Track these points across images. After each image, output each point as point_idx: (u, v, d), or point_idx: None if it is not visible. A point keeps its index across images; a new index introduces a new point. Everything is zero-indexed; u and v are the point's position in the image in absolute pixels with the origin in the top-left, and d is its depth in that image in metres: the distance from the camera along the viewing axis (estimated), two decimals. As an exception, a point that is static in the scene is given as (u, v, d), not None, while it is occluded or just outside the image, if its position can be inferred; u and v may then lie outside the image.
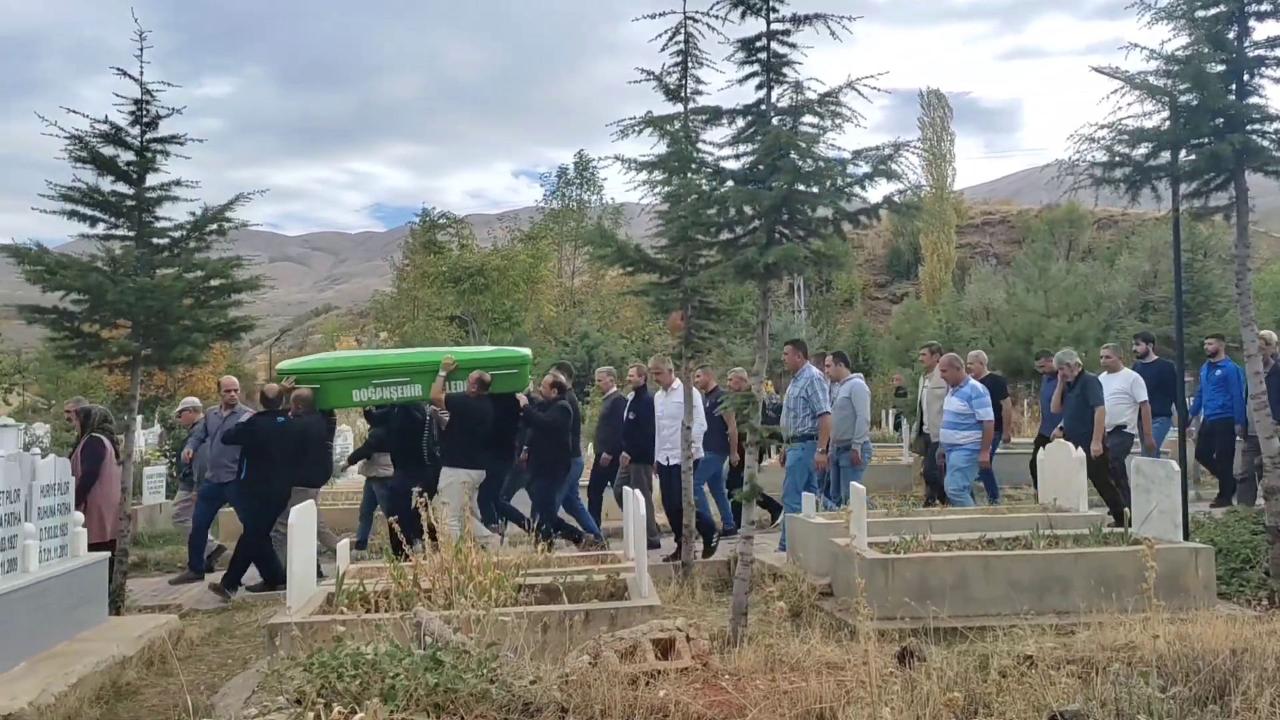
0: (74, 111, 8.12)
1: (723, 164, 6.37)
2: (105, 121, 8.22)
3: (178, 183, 8.50)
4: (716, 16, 6.29)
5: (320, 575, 8.86)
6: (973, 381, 10.03)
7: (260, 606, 8.31)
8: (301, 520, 6.28)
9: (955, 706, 4.16)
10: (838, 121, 5.98)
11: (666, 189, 7.13)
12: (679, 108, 7.91)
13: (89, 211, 8.32)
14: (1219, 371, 11.65)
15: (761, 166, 6.04)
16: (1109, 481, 10.26)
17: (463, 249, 38.79)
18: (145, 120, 8.38)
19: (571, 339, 35.92)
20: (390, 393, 9.81)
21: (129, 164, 8.36)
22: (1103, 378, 10.81)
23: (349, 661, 4.16)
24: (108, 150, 8.28)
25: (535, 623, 5.42)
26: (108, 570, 7.40)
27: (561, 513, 10.15)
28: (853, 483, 7.27)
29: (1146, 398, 10.69)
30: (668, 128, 7.17)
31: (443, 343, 36.39)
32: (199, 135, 8.63)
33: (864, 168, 6.03)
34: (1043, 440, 10.60)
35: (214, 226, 8.57)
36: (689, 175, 6.57)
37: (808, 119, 5.99)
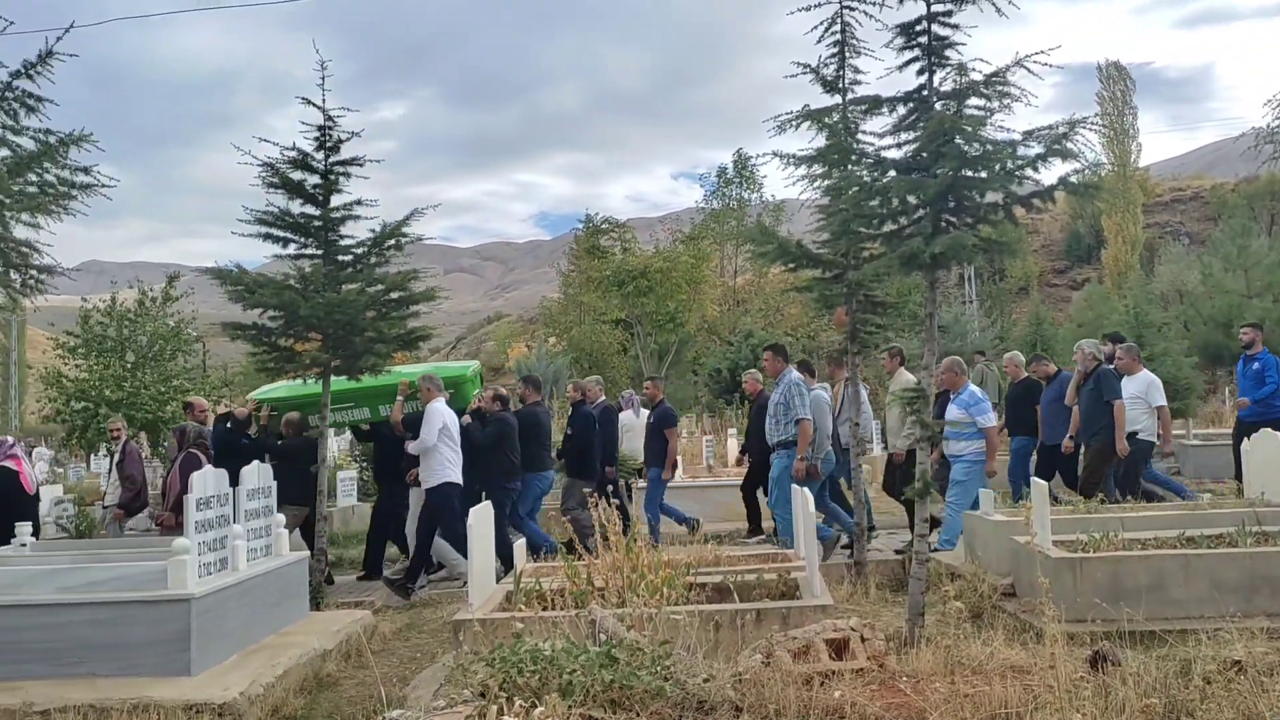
0: (265, 141, 8.73)
1: (884, 154, 6.21)
2: (293, 148, 8.80)
3: (359, 202, 9.01)
4: (874, 3, 6.16)
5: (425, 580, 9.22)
6: (971, 388, 9.46)
7: (446, 603, 8.68)
8: (480, 521, 6.52)
9: (1154, 714, 3.92)
10: (1005, 102, 5.73)
11: (826, 183, 7.02)
12: (837, 99, 7.79)
13: (281, 233, 8.92)
14: (1255, 364, 10.65)
15: (925, 154, 5.87)
16: (1095, 483, 9.50)
17: (625, 252, 39.32)
18: (328, 145, 8.91)
19: (736, 338, 35.82)
20: (340, 416, 10.52)
21: (315, 187, 8.91)
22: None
23: (528, 657, 4.29)
24: (296, 175, 8.85)
25: (707, 621, 5.43)
26: (308, 568, 7.90)
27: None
28: (1034, 479, 6.94)
29: (1164, 402, 10.03)
30: (825, 120, 7.06)
31: (609, 347, 37.00)
32: (377, 156, 9.11)
33: (1036, 149, 5.76)
34: (1244, 430, 9.83)
35: (391, 242, 9.03)
36: (849, 167, 6.44)
37: (973, 102, 5.78)
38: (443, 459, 9.10)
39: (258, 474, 7.34)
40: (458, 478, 9.16)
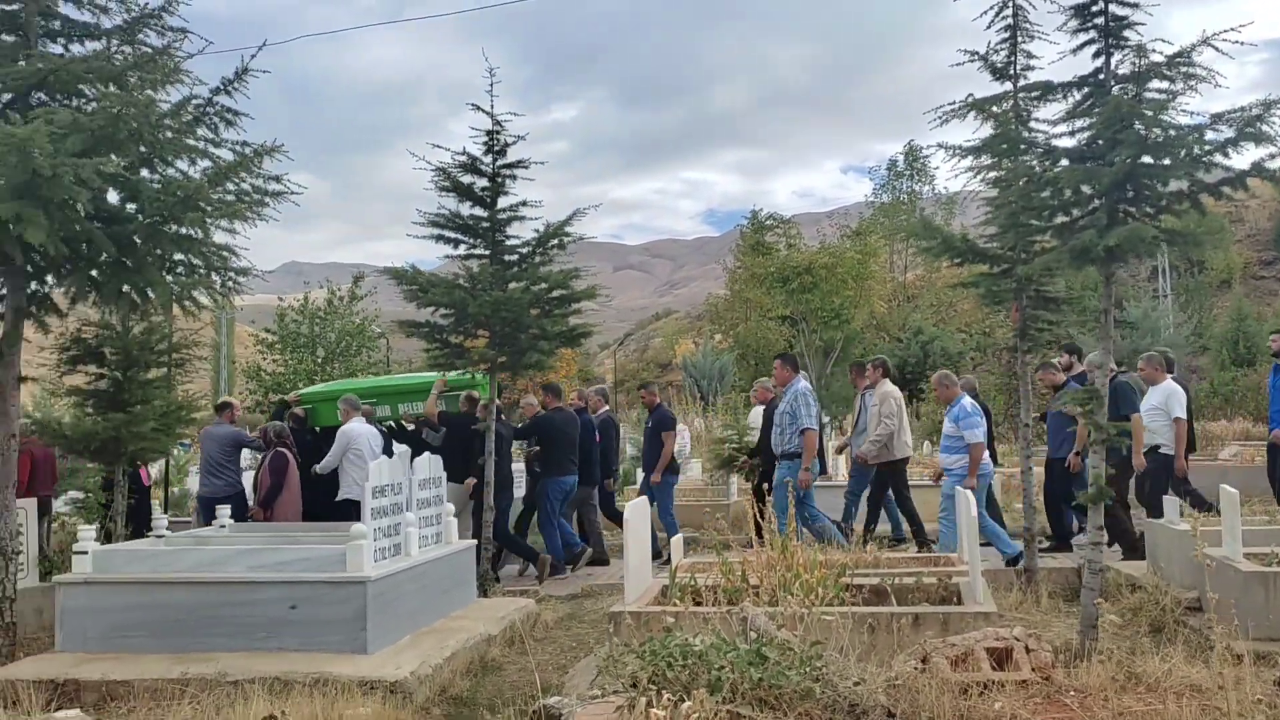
0: (438, 146, 9.17)
1: (1055, 142, 5.93)
2: (463, 153, 9.17)
3: (524, 203, 9.31)
4: (1047, -16, 5.88)
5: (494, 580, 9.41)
6: (963, 401, 9.06)
7: (607, 594, 8.86)
8: (636, 515, 6.63)
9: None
10: (1191, 84, 5.37)
11: (993, 174, 6.76)
12: (1007, 86, 7.48)
13: (452, 234, 9.32)
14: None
15: (1100, 141, 5.57)
16: (1115, 510, 8.61)
17: (790, 248, 38.91)
18: (496, 149, 9.24)
19: (905, 335, 34.91)
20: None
21: (483, 189, 9.26)
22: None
23: (678, 651, 4.34)
24: (466, 179, 9.23)
25: (861, 623, 5.35)
26: (475, 556, 8.23)
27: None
28: (1223, 486, 6.45)
29: (1183, 414, 9.22)
30: (992, 109, 6.79)
31: (774, 344, 36.69)
32: (551, 157, 9.42)
33: (1226, 132, 5.37)
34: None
35: (554, 241, 9.28)
36: (1018, 157, 6.18)
37: (1154, 84, 5.43)
38: (349, 479, 9.66)
39: (429, 464, 7.69)
40: (358, 496, 9.11)
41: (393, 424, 11.03)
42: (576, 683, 5.61)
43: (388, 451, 10.20)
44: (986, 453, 9.21)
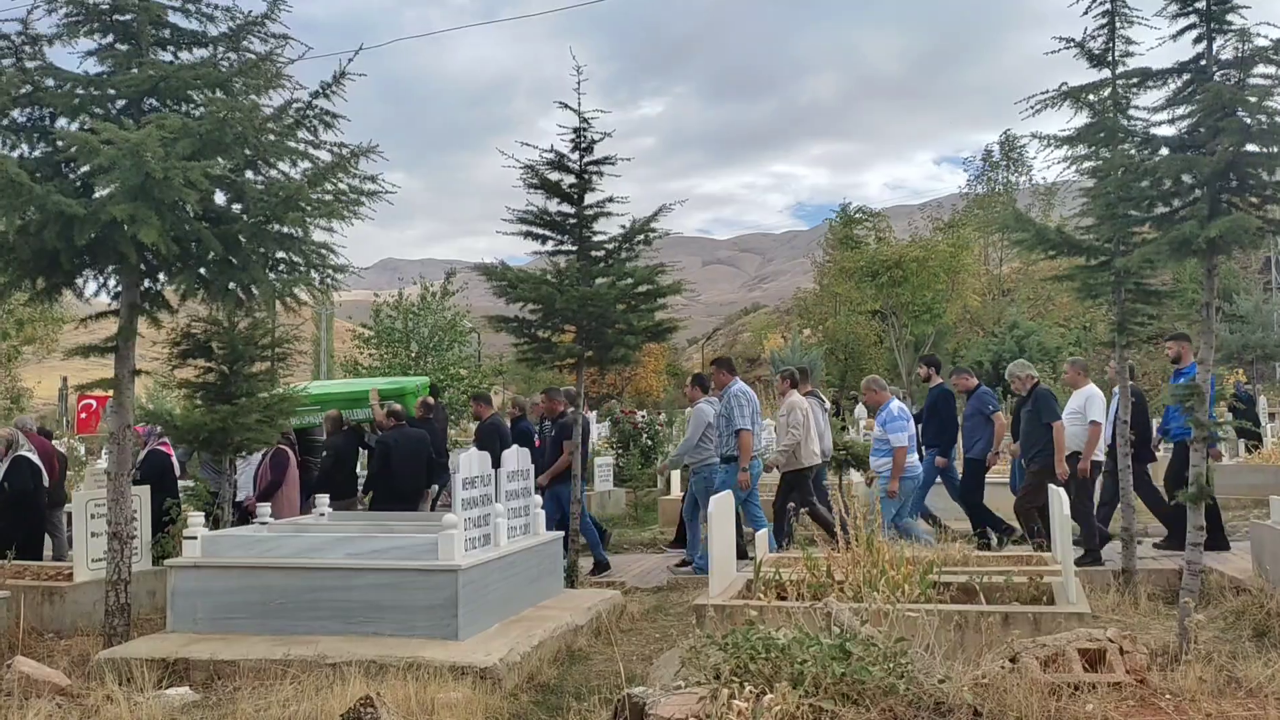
0: (527, 144, 9.29)
1: (1154, 130, 5.77)
2: (551, 150, 9.30)
3: (611, 199, 9.38)
4: (1145, -32, 5.72)
5: None
6: (892, 405, 9.30)
7: (693, 587, 8.92)
8: (721, 509, 6.67)
9: None
10: (1300, 68, 5.16)
11: (1089, 163, 6.59)
12: (1104, 73, 7.26)
13: (540, 231, 9.46)
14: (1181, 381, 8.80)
15: (1202, 129, 5.40)
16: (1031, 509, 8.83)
17: (880, 242, 38.36)
18: (583, 146, 9.35)
19: (1000, 330, 34.10)
20: (315, 417, 11.53)
21: (571, 186, 9.37)
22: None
23: (760, 645, 4.37)
24: (554, 176, 9.35)
25: (947, 621, 5.29)
26: (563, 548, 8.37)
27: None
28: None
29: (1100, 418, 9.13)
30: (1089, 97, 6.61)
31: (864, 338, 36.22)
32: (638, 153, 9.53)
33: (1338, 118, 5.15)
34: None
35: (641, 237, 9.34)
36: (1115, 146, 6.02)
37: (1259, 70, 5.24)
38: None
39: (517, 457, 7.84)
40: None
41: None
42: (661, 674, 5.68)
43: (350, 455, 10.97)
44: (914, 455, 9.47)
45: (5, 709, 5.12)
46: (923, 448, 10.63)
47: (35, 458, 9.61)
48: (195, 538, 6.78)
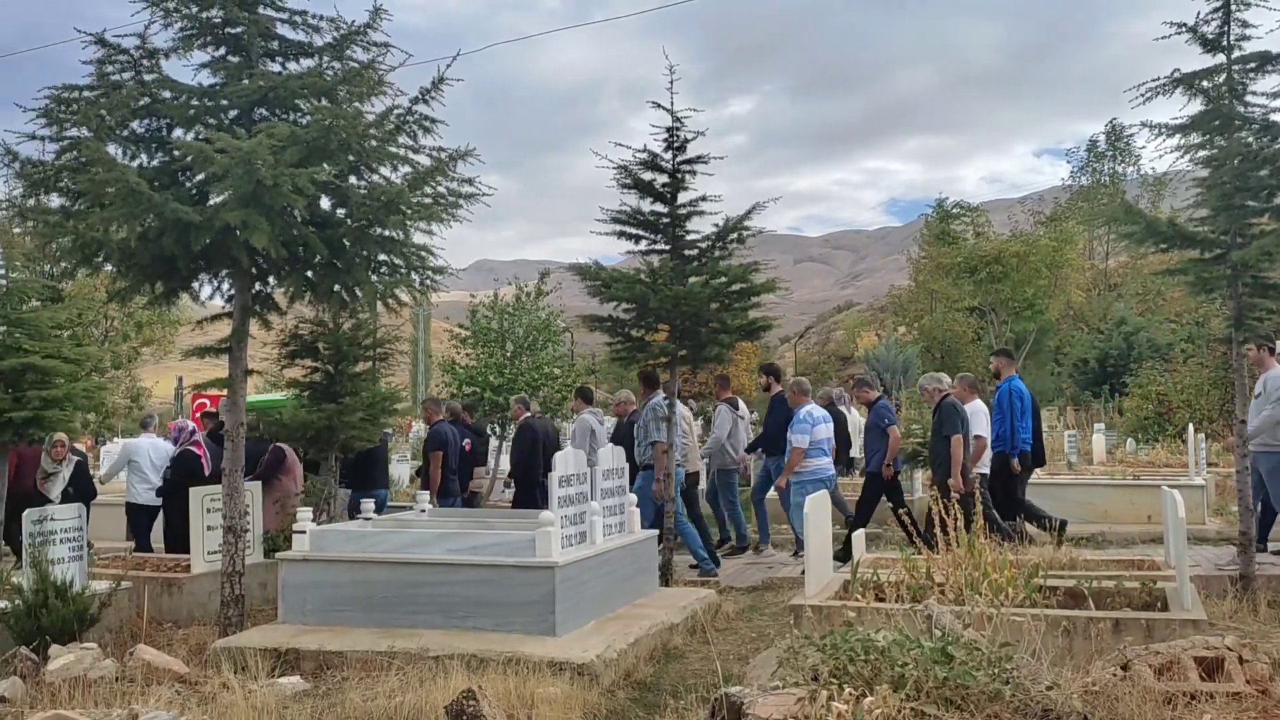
0: (620, 145, 9.34)
1: (1274, 117, 5.50)
2: (644, 150, 9.34)
3: (704, 198, 9.37)
4: (1263, -53, 5.46)
5: None
6: (806, 408, 9.79)
7: (788, 587, 8.85)
8: (817, 509, 6.60)
9: None
10: None
11: (1204, 152, 6.32)
12: (1219, 59, 6.95)
13: (633, 230, 9.50)
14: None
15: (1328, 114, 5.12)
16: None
17: (978, 237, 37.45)
18: (676, 145, 9.36)
19: (1106, 326, 32.96)
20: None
21: (664, 186, 9.39)
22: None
23: (859, 646, 4.31)
24: (646, 175, 9.39)
25: (1054, 626, 5.14)
26: (657, 546, 8.40)
27: None
28: None
29: (983, 433, 9.52)
30: (1202, 83, 6.35)
31: (961, 335, 35.42)
32: (727, 152, 9.45)
33: None
34: None
35: (734, 235, 9.31)
36: (1232, 134, 5.76)
37: (1392, 49, 4.96)
38: (131, 487, 10.61)
39: (612, 455, 7.90)
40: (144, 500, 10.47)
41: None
42: (757, 673, 5.65)
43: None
44: (828, 458, 9.94)
45: (129, 695, 5.38)
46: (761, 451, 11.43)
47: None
48: (304, 532, 7.01)
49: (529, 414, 11.99)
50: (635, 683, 5.99)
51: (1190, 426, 14.05)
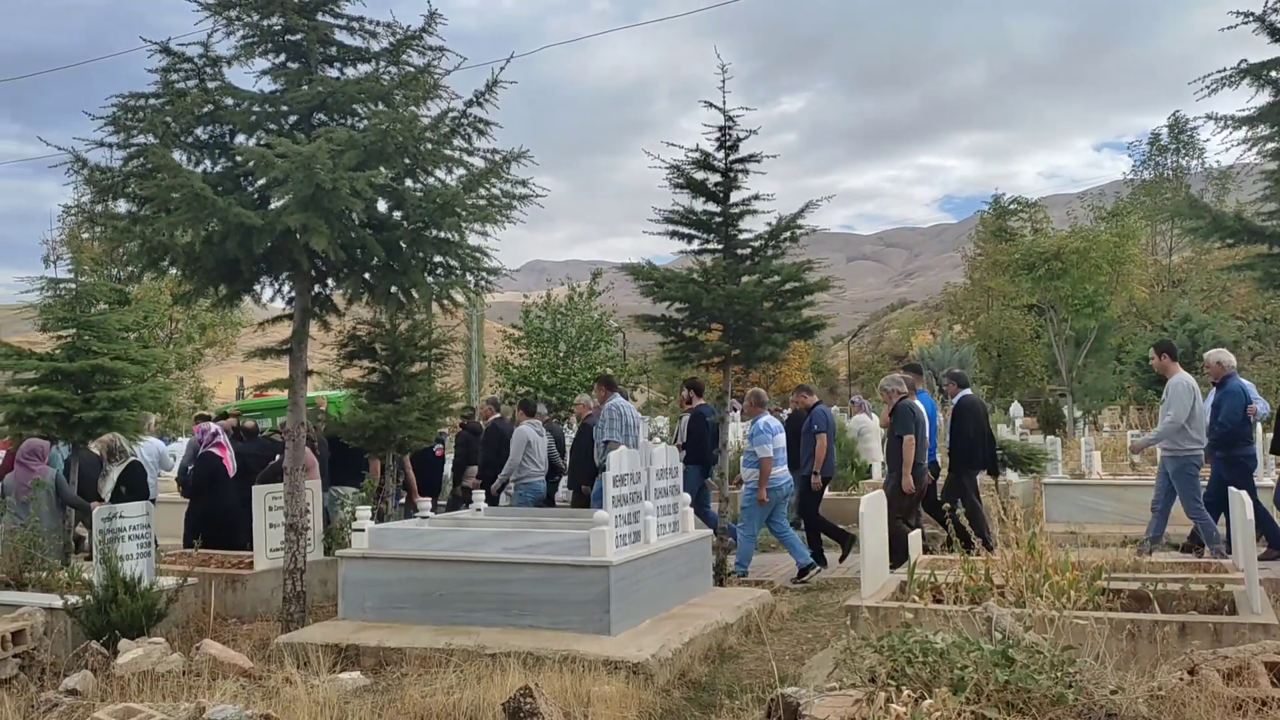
0: (673, 145, 9.35)
1: (1349, 107, 5.33)
2: (696, 150, 9.33)
3: (756, 197, 9.36)
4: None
5: None
6: (764, 419, 9.78)
7: (843, 588, 8.79)
8: (873, 509, 6.55)
9: None
10: None
11: (1272, 144, 6.15)
12: (1289, 47, 6.76)
13: (686, 230, 9.52)
14: None
15: (1405, 103, 4.96)
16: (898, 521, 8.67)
17: (1036, 233, 36.78)
18: (728, 144, 9.34)
19: (1170, 323, 32.18)
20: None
21: (716, 185, 9.39)
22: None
23: (917, 648, 4.26)
24: (699, 175, 9.39)
25: (1118, 630, 5.04)
26: (710, 546, 8.38)
27: None
28: None
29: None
30: (1271, 74, 6.18)
31: (1018, 334, 34.84)
32: (777, 151, 9.43)
33: None
34: None
35: (787, 234, 9.27)
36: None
37: None
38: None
39: (665, 456, 7.90)
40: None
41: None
42: (814, 674, 5.62)
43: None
44: (784, 466, 9.82)
45: (195, 689, 5.51)
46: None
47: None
48: (363, 530, 7.12)
49: (498, 415, 12.30)
50: (690, 682, 5.99)
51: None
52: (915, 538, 7.18)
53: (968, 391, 10.37)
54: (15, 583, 7.63)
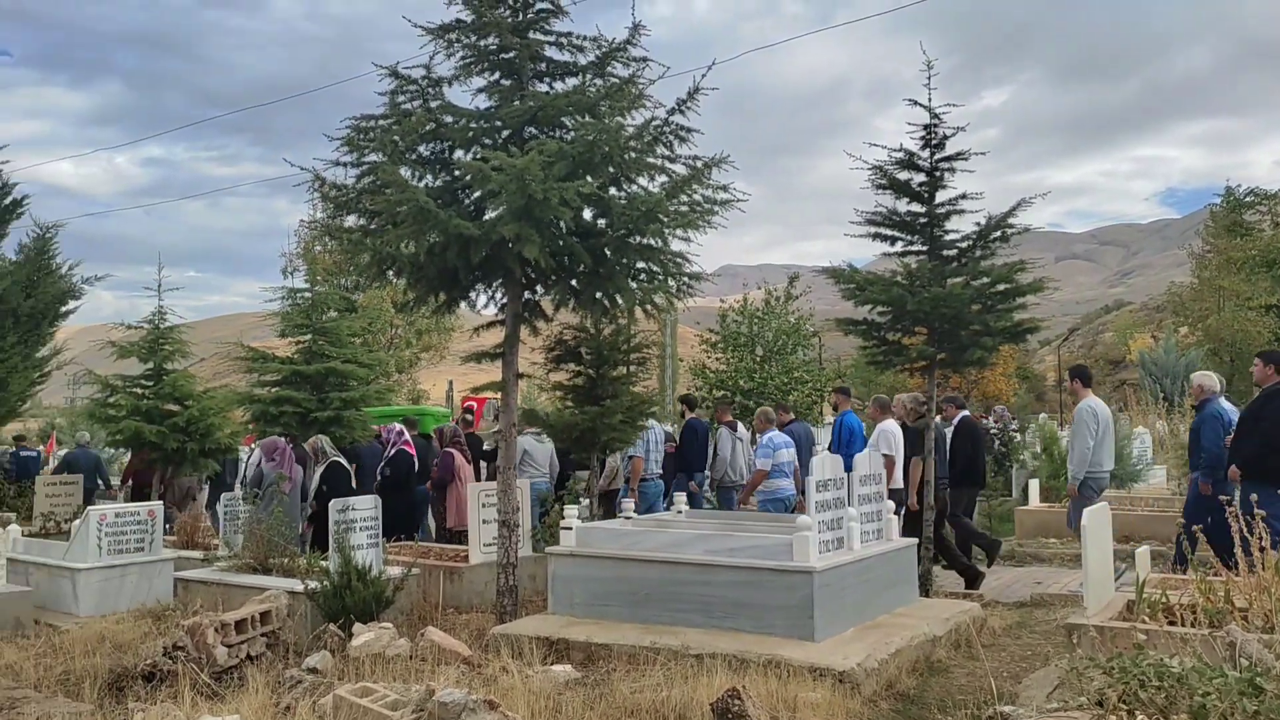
0: (874, 145, 9.16)
1: None
2: (899, 149, 9.11)
3: (963, 196, 9.04)
4: None
5: None
6: (770, 434, 10.38)
7: (1058, 605, 8.37)
8: (1096, 521, 6.20)
9: None
10: None
11: None
12: None
13: (889, 232, 9.31)
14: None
15: None
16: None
17: (1277, 228, 33.67)
18: (934, 143, 9.07)
19: None
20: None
21: (920, 185, 9.13)
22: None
23: (1152, 672, 4.01)
24: (902, 175, 9.16)
25: (1388, 663, 4.54)
26: (916, 555, 8.16)
27: None
28: None
29: (889, 451, 9.39)
30: None
31: (1255, 337, 32.04)
32: (980, 147, 9.07)
33: None
34: None
35: (997, 234, 8.91)
36: None
37: None
38: None
39: (869, 462, 7.75)
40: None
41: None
42: (1032, 694, 5.37)
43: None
44: (788, 480, 10.21)
45: (421, 673, 5.86)
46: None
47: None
48: (570, 529, 7.36)
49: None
50: (898, 694, 5.85)
51: None
52: (1144, 554, 6.73)
53: (966, 413, 10.80)
54: (262, 567, 8.36)
